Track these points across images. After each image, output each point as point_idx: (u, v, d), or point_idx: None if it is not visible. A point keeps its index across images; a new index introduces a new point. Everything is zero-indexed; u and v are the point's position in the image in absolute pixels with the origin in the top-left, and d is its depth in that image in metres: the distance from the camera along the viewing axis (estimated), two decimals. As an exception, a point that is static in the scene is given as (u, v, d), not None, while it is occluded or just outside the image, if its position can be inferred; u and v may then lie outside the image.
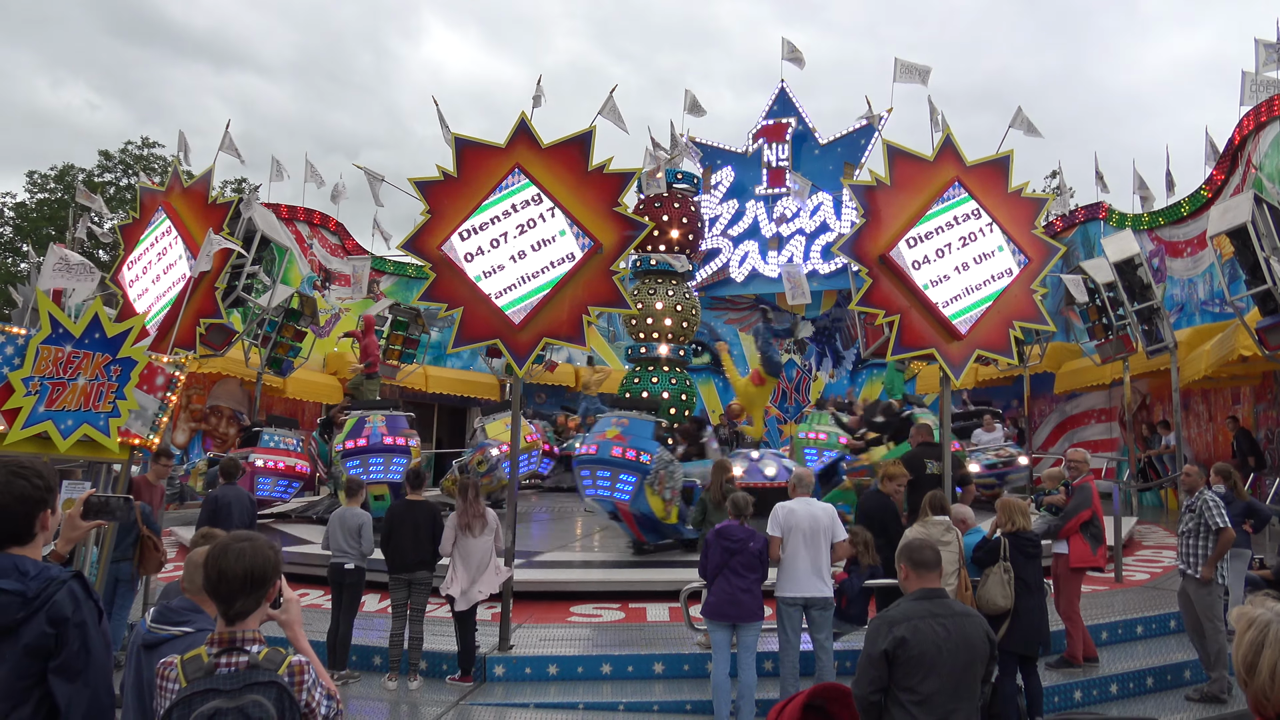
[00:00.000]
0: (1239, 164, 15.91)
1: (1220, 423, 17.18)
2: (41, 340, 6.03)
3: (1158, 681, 7.86)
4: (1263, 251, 10.63)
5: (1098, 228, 20.80)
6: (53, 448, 6.09)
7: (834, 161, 26.25)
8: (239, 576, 2.54)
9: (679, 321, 16.63)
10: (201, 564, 2.78)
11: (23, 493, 2.64)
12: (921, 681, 3.73)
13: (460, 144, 8.23)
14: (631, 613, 9.38)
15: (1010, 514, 7.11)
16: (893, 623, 3.82)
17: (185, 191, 11.59)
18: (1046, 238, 9.00)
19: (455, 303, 8.09)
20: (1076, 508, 8.28)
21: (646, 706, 7.21)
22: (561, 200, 8.17)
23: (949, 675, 3.75)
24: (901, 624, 3.80)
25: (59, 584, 2.57)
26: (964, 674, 3.80)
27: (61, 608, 2.54)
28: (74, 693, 2.52)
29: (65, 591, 2.57)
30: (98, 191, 27.22)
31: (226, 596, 2.54)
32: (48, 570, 2.61)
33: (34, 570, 2.58)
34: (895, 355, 8.56)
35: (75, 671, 2.53)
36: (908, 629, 3.78)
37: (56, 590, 2.56)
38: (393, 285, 24.77)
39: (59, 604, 2.54)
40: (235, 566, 2.55)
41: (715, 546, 6.88)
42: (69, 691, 2.51)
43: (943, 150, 8.76)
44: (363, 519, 8.15)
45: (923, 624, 3.79)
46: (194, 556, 3.25)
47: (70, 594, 2.58)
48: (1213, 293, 16.97)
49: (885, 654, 3.76)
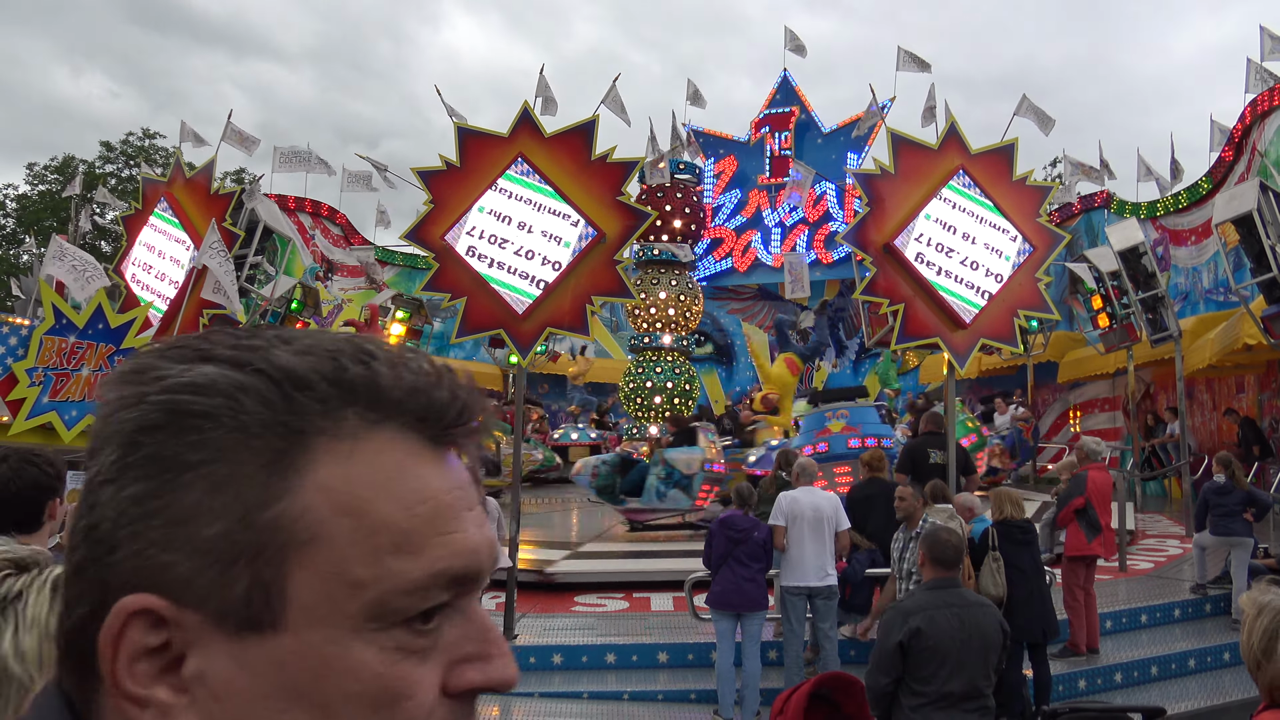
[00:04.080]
0: (1244, 152, 15.84)
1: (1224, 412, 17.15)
2: (45, 331, 6.04)
3: (1162, 670, 7.86)
4: (1268, 239, 10.58)
5: (1101, 216, 20.73)
6: (57, 438, 6.09)
7: (837, 150, 26.16)
8: None
9: (681, 312, 16.61)
10: None
11: (35, 480, 2.64)
12: (935, 672, 3.73)
13: (462, 133, 8.20)
14: (636, 602, 9.39)
15: (1000, 503, 7.14)
16: (908, 613, 3.82)
17: (187, 182, 11.57)
18: (1051, 226, 8.97)
19: (458, 293, 8.07)
20: (1068, 496, 8.27)
21: (651, 696, 7.22)
22: (564, 189, 8.14)
23: (962, 665, 3.75)
24: (917, 614, 3.80)
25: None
26: (977, 664, 3.80)
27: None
28: None
29: None
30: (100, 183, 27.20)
31: None
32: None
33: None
34: (900, 344, 8.55)
35: None
36: (923, 619, 3.77)
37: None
38: (395, 275, 24.76)
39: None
40: None
41: (719, 536, 6.88)
42: None
43: (947, 138, 8.72)
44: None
45: (938, 614, 3.79)
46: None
47: None
48: (1217, 281, 16.91)
49: (900, 645, 3.76)
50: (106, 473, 0.55)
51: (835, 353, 26.57)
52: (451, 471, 0.59)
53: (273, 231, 13.98)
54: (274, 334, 0.59)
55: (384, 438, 0.57)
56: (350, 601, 0.53)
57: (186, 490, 0.53)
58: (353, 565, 0.54)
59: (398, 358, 0.59)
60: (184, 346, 0.58)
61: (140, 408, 0.55)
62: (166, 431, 0.54)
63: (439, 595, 0.56)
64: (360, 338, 0.60)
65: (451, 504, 0.58)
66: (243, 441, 0.54)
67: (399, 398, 0.57)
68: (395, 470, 0.56)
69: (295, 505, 0.54)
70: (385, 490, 0.55)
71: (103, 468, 0.56)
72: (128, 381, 0.57)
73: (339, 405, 0.56)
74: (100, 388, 0.59)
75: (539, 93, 10.54)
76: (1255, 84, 13.56)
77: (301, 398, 0.55)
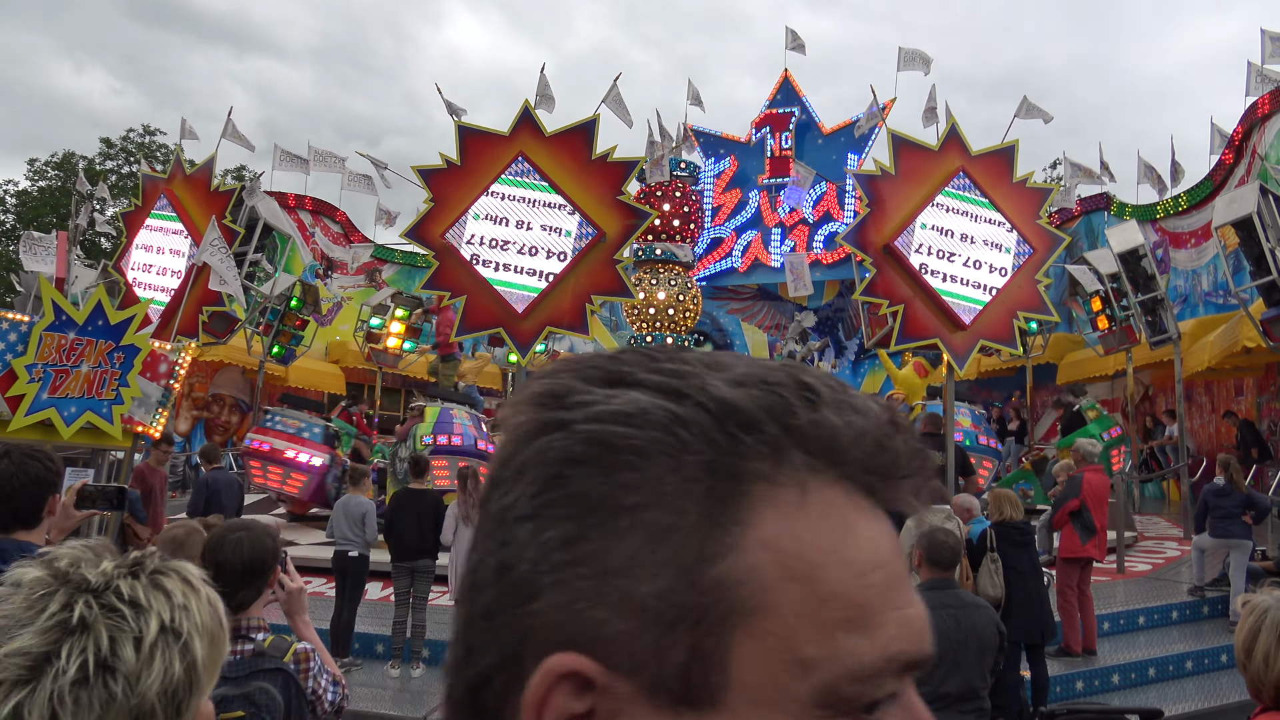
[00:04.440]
0: (1244, 155, 15.85)
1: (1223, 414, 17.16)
2: (45, 327, 6.03)
3: (1159, 672, 7.87)
4: (1268, 242, 10.58)
5: (1101, 218, 20.74)
6: (56, 435, 6.10)
7: (838, 150, 26.16)
8: (238, 568, 2.52)
9: (680, 311, 16.61)
10: (181, 545, 2.84)
11: (37, 476, 2.64)
12: (931, 672, 3.73)
13: (463, 131, 8.20)
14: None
15: (999, 504, 7.16)
16: None
17: (187, 179, 11.58)
18: (1051, 228, 8.98)
19: (458, 291, 8.08)
20: (1064, 498, 8.28)
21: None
22: (565, 188, 8.15)
23: (959, 666, 3.76)
24: None
25: None
26: (974, 665, 3.80)
27: None
28: None
29: None
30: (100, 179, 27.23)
31: (227, 589, 2.53)
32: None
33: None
34: (899, 345, 8.55)
35: None
36: None
37: None
38: (395, 274, 24.74)
39: None
40: (234, 558, 2.53)
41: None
42: None
43: (947, 140, 8.73)
44: (366, 507, 8.16)
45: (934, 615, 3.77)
46: (166, 535, 3.26)
47: None
48: (1217, 284, 16.93)
49: None
50: (523, 507, 0.49)
51: (835, 353, 26.58)
52: (892, 533, 0.51)
53: (273, 229, 14.00)
54: (697, 358, 0.52)
55: (831, 490, 0.49)
56: (797, 684, 0.46)
57: (621, 538, 0.47)
58: (801, 641, 0.46)
59: (842, 394, 0.51)
60: (596, 367, 0.52)
61: (564, 437, 0.49)
62: (595, 467, 0.48)
63: (890, 684, 0.49)
64: (794, 367, 0.52)
65: (902, 572, 0.51)
66: (682, 485, 0.47)
67: (847, 443, 0.50)
68: (844, 529, 0.49)
69: (740, 565, 0.46)
70: (836, 553, 0.48)
71: (518, 501, 0.50)
72: (545, 405, 0.51)
73: (785, 449, 0.48)
74: (508, 408, 0.54)
75: (539, 91, 10.54)
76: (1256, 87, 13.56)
77: (746, 438, 0.48)
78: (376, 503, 8.76)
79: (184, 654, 0.98)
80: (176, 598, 1.01)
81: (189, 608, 1.02)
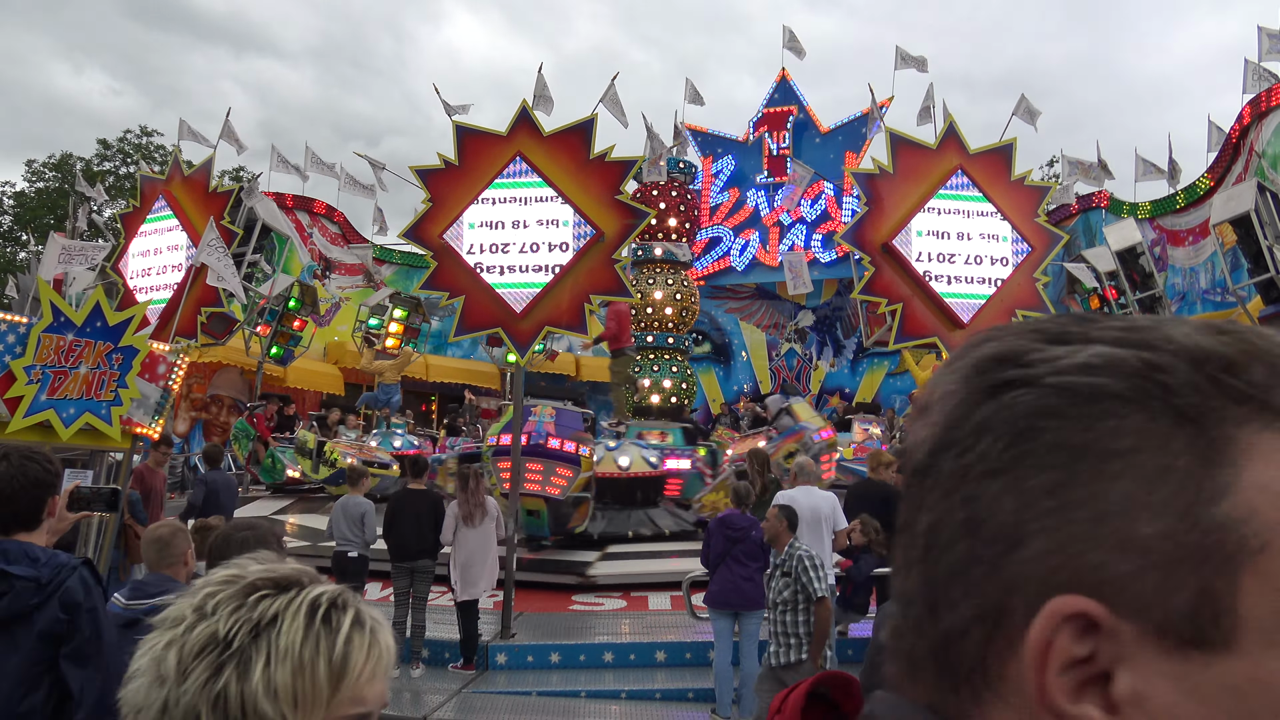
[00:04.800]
0: (1241, 152, 15.87)
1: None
2: (43, 329, 6.03)
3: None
4: (1266, 240, 10.60)
5: (1099, 216, 20.76)
6: (54, 436, 6.09)
7: (835, 150, 26.15)
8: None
9: (678, 311, 16.61)
10: (166, 544, 3.11)
11: (37, 477, 2.64)
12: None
13: (461, 131, 8.20)
14: (633, 601, 9.39)
15: None
16: None
17: (185, 180, 11.57)
18: (1050, 225, 8.99)
19: (456, 291, 8.08)
20: None
21: (649, 694, 7.23)
22: (563, 188, 8.15)
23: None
24: None
25: (70, 570, 2.58)
26: None
27: (74, 593, 2.54)
28: (86, 678, 2.53)
29: (76, 578, 2.57)
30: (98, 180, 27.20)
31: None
32: (57, 557, 2.61)
33: (44, 557, 2.59)
34: (897, 344, 8.56)
35: (87, 657, 2.54)
36: None
37: (68, 576, 2.56)
38: (393, 274, 24.73)
39: (71, 590, 2.54)
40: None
41: (717, 535, 6.88)
42: (81, 677, 2.52)
43: (945, 138, 8.74)
44: (365, 507, 8.16)
45: None
46: (150, 535, 3.31)
47: (81, 580, 2.58)
48: (1214, 281, 16.94)
49: None
50: (993, 462, 0.50)
51: (833, 352, 26.58)
52: None
53: (271, 230, 13.99)
54: (1130, 318, 0.53)
55: None
56: None
57: (1113, 481, 0.47)
58: None
59: None
60: (1038, 330, 0.53)
61: (1028, 392, 0.50)
62: (1071, 416, 0.48)
63: None
64: (1235, 323, 0.53)
65: None
66: (1169, 429, 0.47)
67: None
68: None
69: (1240, 505, 0.46)
70: None
71: (985, 456, 0.50)
72: (994, 366, 0.52)
73: (1273, 389, 0.48)
74: (946, 373, 0.55)
75: (537, 91, 10.54)
76: (1253, 84, 13.58)
77: (1231, 381, 0.48)
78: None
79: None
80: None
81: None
